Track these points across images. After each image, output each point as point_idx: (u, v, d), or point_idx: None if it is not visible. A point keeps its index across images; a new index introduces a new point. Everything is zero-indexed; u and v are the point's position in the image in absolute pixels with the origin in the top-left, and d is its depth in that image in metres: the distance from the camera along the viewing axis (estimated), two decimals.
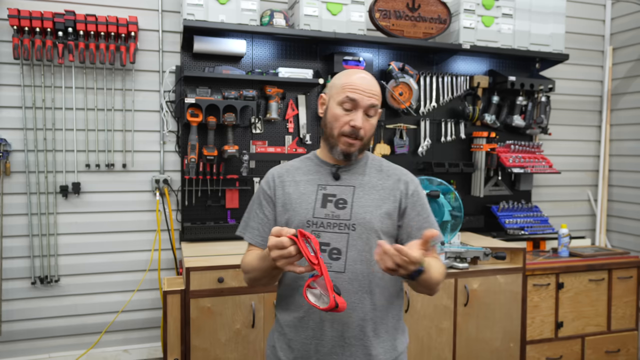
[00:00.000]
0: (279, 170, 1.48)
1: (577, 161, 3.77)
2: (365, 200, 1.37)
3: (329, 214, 1.36)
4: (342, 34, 2.82)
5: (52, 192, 2.73)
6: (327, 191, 1.39)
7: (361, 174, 1.42)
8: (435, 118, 3.29)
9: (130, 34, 2.69)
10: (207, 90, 2.75)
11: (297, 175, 1.45)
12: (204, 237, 2.79)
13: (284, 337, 1.40)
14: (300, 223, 1.37)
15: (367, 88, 1.36)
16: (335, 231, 1.34)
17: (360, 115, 1.35)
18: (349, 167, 1.43)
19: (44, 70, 2.67)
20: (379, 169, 1.45)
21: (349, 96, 1.35)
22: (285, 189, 1.43)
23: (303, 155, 1.53)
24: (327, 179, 1.42)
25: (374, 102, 1.37)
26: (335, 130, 1.37)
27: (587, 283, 3.03)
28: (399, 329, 1.43)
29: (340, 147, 1.37)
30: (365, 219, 1.35)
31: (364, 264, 1.34)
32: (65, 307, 2.79)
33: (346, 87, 1.36)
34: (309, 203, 1.38)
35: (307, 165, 1.47)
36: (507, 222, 3.30)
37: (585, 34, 3.73)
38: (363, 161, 1.46)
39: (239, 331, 2.34)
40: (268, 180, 1.47)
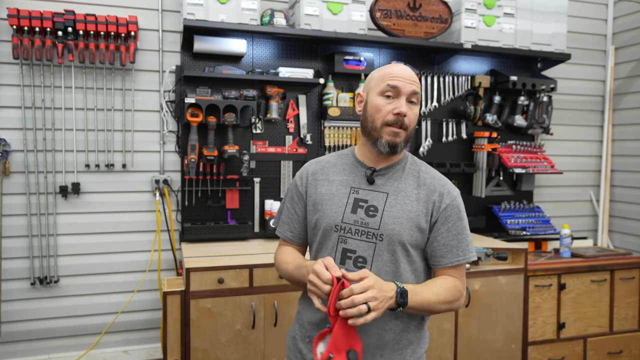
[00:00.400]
0: (313, 167, 1.46)
1: (579, 161, 3.77)
2: (397, 211, 1.32)
3: (358, 221, 1.33)
4: (343, 34, 2.83)
5: (52, 193, 2.73)
6: (359, 195, 1.36)
7: (397, 180, 1.37)
8: (436, 118, 3.29)
9: (130, 34, 2.70)
10: (207, 90, 2.75)
11: (332, 173, 1.42)
12: (204, 237, 2.79)
13: (305, 331, 1.41)
14: (329, 226, 1.35)
15: (408, 76, 1.33)
16: (362, 239, 1.32)
17: (404, 102, 1.31)
18: (384, 170, 1.38)
19: (43, 70, 2.67)
20: (417, 176, 1.38)
21: (390, 84, 1.31)
22: (318, 187, 1.41)
23: (341, 150, 1.49)
24: (361, 181, 1.38)
25: (416, 88, 1.33)
26: (378, 121, 1.32)
27: (589, 284, 3.03)
28: (420, 338, 1.40)
29: (386, 138, 1.32)
30: (394, 231, 1.30)
31: (388, 276, 1.30)
32: (65, 308, 2.79)
33: (386, 77, 1.33)
34: (339, 207, 1.36)
35: (343, 163, 1.43)
36: (509, 223, 3.30)
37: (587, 34, 3.72)
38: (401, 165, 1.40)
39: (239, 332, 2.34)
40: (302, 176, 1.46)
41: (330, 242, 1.35)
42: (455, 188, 1.40)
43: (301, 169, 1.48)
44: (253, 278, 2.35)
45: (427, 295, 1.27)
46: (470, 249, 1.37)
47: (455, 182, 3.31)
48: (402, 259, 1.31)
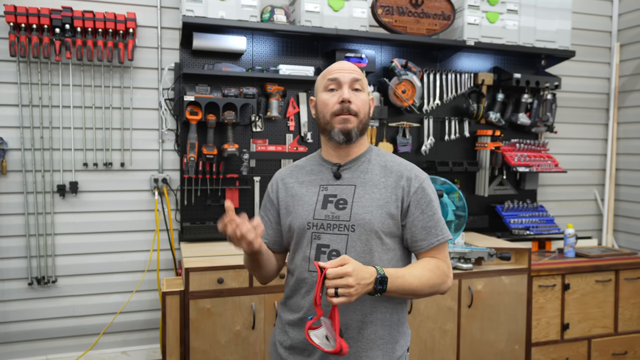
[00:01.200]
0: (283, 172, 1.53)
1: (584, 160, 3.77)
2: (366, 200, 1.36)
3: (329, 215, 1.36)
4: (344, 31, 2.83)
5: (49, 192, 2.74)
6: (328, 191, 1.40)
7: (363, 172, 1.41)
8: (438, 116, 3.29)
9: (129, 31, 2.70)
10: (207, 87, 2.75)
11: (301, 175, 1.47)
12: (203, 237, 2.79)
13: (286, 336, 1.44)
14: (302, 225, 1.39)
15: (345, 67, 1.40)
16: (335, 232, 1.35)
17: (347, 89, 1.37)
18: (350, 164, 1.42)
19: (40, 68, 2.67)
20: (383, 165, 1.42)
21: (329, 78, 1.39)
22: (288, 191, 1.46)
23: (309, 155, 1.55)
24: (328, 178, 1.42)
25: (356, 75, 1.39)
26: (327, 113, 1.39)
27: (594, 284, 3.03)
28: (400, 333, 1.42)
29: (337, 127, 1.37)
30: (364, 220, 1.34)
31: None
32: (63, 308, 2.80)
33: (327, 74, 1.41)
34: (310, 205, 1.40)
35: (310, 165, 1.49)
36: (512, 222, 3.30)
37: (592, 30, 3.72)
38: (366, 157, 1.44)
39: (239, 333, 2.34)
40: (272, 184, 1.52)
41: (305, 240, 1.39)
42: (423, 172, 1.44)
43: (273, 177, 1.54)
44: (253, 278, 2.36)
45: (409, 278, 1.28)
46: (445, 227, 1.41)
47: (458, 181, 3.31)
48: (377, 247, 1.34)
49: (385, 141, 3.17)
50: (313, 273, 1.35)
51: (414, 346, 2.52)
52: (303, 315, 1.37)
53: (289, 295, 1.45)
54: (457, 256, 2.64)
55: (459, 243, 2.71)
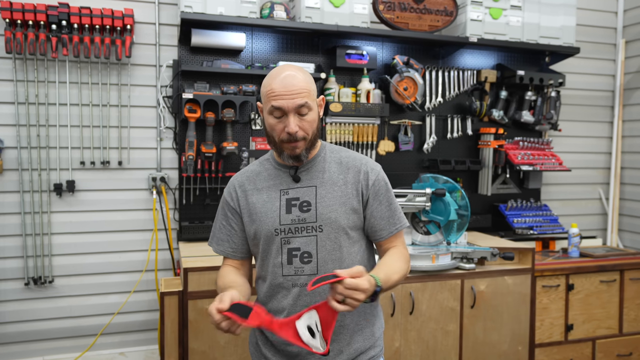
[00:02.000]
0: (239, 179, 1.50)
1: (588, 158, 3.77)
2: (329, 199, 1.40)
3: (295, 219, 1.39)
4: (345, 27, 2.82)
5: (46, 191, 2.74)
6: (289, 195, 1.42)
7: (321, 171, 1.44)
8: (441, 114, 3.29)
9: (126, 27, 2.69)
10: (206, 85, 2.75)
11: (258, 182, 1.47)
12: (202, 236, 2.79)
13: (264, 335, 1.46)
14: (269, 232, 1.41)
15: (289, 89, 1.32)
16: (304, 235, 1.39)
17: (292, 119, 1.33)
18: (307, 165, 1.44)
19: (37, 65, 2.67)
20: (339, 162, 1.46)
21: (274, 105, 1.33)
22: (248, 198, 1.46)
23: (262, 157, 1.54)
24: (287, 182, 1.44)
25: (300, 101, 1.32)
26: (276, 138, 1.38)
27: (598, 284, 3.03)
28: (375, 315, 1.50)
29: (286, 152, 1.38)
30: (331, 219, 1.38)
31: (335, 263, 1.39)
32: (60, 309, 2.80)
33: (270, 96, 1.34)
34: (273, 211, 1.41)
35: (266, 169, 1.48)
36: (516, 222, 3.30)
37: (596, 27, 3.71)
38: (321, 156, 1.46)
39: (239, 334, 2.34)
40: (230, 192, 1.50)
41: (274, 246, 1.41)
42: (377, 163, 1.49)
43: (227, 184, 1.53)
44: (252, 279, 2.35)
45: (393, 277, 1.34)
46: (402, 215, 1.50)
47: (460, 179, 3.31)
48: (344, 243, 1.40)
49: (386, 139, 3.17)
50: (288, 277, 1.40)
51: (416, 347, 2.53)
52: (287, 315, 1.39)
53: (265, 302, 1.46)
54: (459, 256, 2.64)
55: (462, 243, 2.71)
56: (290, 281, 1.40)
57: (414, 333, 2.51)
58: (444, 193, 2.58)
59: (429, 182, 2.69)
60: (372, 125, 3.09)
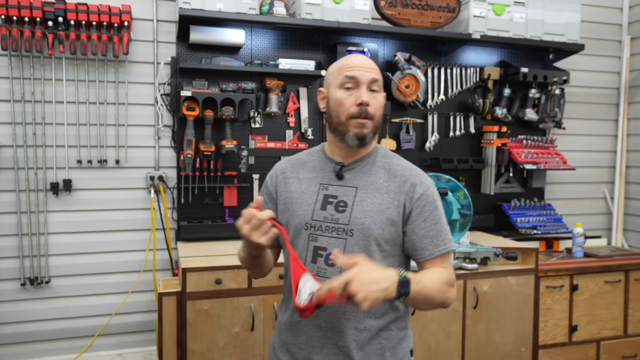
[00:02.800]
0: (283, 165, 1.49)
1: (593, 157, 3.77)
2: (367, 204, 1.34)
3: (327, 217, 1.35)
4: (346, 24, 2.82)
5: (42, 190, 2.74)
6: (328, 191, 1.38)
7: (367, 174, 1.38)
8: (443, 112, 3.29)
9: (123, 24, 2.69)
10: (204, 82, 2.75)
11: (302, 171, 1.45)
12: (200, 236, 2.80)
13: (281, 338, 1.44)
14: (299, 224, 1.38)
15: (365, 64, 1.35)
16: (333, 236, 1.34)
17: (365, 90, 1.33)
18: (353, 165, 1.40)
19: (33, 62, 2.67)
20: (387, 168, 1.40)
21: (347, 75, 1.33)
22: (288, 186, 1.44)
23: (312, 148, 1.52)
24: (330, 177, 1.40)
25: (375, 75, 1.35)
26: (343, 115, 1.34)
27: (603, 285, 3.03)
28: (399, 337, 1.40)
29: (352, 131, 1.33)
30: (364, 225, 1.32)
31: None
32: (56, 310, 2.80)
33: (343, 69, 1.35)
34: (308, 204, 1.38)
35: (312, 160, 1.46)
36: (519, 221, 3.30)
37: (601, 23, 3.71)
38: (371, 158, 1.41)
39: (238, 335, 2.35)
40: (272, 176, 1.49)
41: (301, 240, 1.37)
42: (429, 178, 1.41)
43: (272, 169, 1.51)
44: (252, 279, 2.36)
45: (427, 285, 1.25)
46: (450, 238, 1.37)
47: (463, 178, 3.31)
48: (375, 254, 1.32)
49: (388, 137, 3.16)
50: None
51: (418, 348, 2.53)
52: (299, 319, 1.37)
53: (286, 296, 1.45)
54: (462, 256, 2.64)
55: (464, 242, 2.71)
56: None
57: (415, 334, 2.51)
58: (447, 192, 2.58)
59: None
60: None
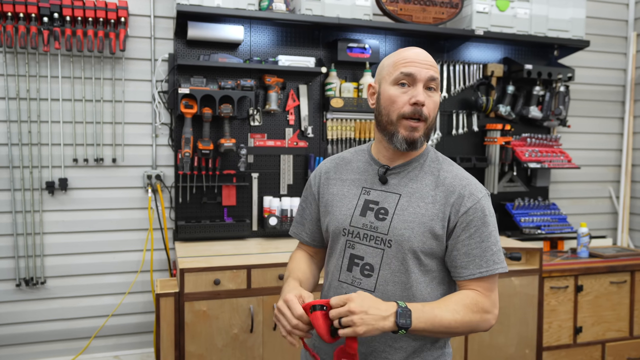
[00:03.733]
0: (328, 165, 1.45)
1: (598, 155, 3.77)
2: (408, 214, 1.26)
3: (367, 224, 1.29)
4: (347, 19, 2.82)
5: (38, 189, 2.74)
6: (370, 196, 1.32)
7: (412, 180, 1.30)
8: (446, 109, 3.29)
9: (120, 20, 2.69)
10: (202, 79, 2.75)
11: (345, 172, 1.40)
12: (199, 236, 2.80)
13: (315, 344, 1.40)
14: (337, 229, 1.34)
15: (424, 59, 1.26)
16: (371, 245, 1.28)
17: (421, 89, 1.24)
18: (399, 169, 1.32)
19: (28, 59, 2.67)
20: (436, 175, 1.30)
21: (403, 71, 1.24)
22: (330, 187, 1.40)
23: (360, 146, 1.45)
24: (373, 181, 1.34)
25: (433, 74, 1.26)
26: (394, 113, 1.26)
27: (608, 285, 3.03)
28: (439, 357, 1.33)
29: (402, 134, 1.25)
30: (403, 236, 1.24)
31: (397, 287, 1.25)
32: (52, 311, 2.80)
33: (399, 63, 1.26)
34: (348, 208, 1.33)
35: (358, 160, 1.40)
36: (523, 221, 3.30)
37: (607, 19, 3.71)
38: (419, 162, 1.33)
39: (237, 336, 2.35)
40: (316, 175, 1.46)
41: (339, 246, 1.34)
42: (482, 188, 1.30)
43: (317, 167, 1.47)
44: (251, 279, 2.36)
45: (439, 313, 1.17)
46: (497, 259, 1.25)
47: None
48: (414, 268, 1.25)
49: None
50: (344, 284, 1.31)
51: None
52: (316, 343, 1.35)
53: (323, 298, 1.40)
54: None
55: None
56: (345, 289, 1.30)
57: None
58: None
59: None
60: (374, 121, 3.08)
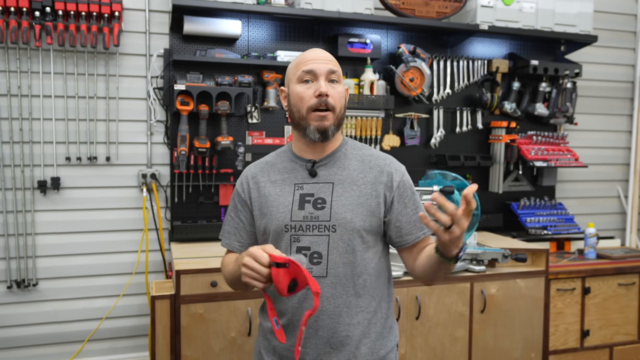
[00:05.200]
0: (253, 170, 1.52)
1: (606, 154, 3.77)
2: (346, 199, 1.39)
3: (307, 216, 1.39)
4: (347, 14, 2.82)
5: (29, 188, 2.74)
6: (304, 190, 1.42)
7: (340, 168, 1.43)
8: (449, 106, 3.29)
9: (114, 14, 2.69)
10: (199, 75, 2.75)
11: (272, 173, 1.48)
12: (195, 237, 2.80)
13: (269, 343, 1.46)
14: (278, 227, 1.40)
15: (320, 56, 1.40)
16: (315, 234, 1.38)
17: (323, 82, 1.37)
18: (325, 160, 1.44)
19: (19, 54, 2.67)
20: (360, 160, 1.45)
21: (304, 69, 1.38)
22: (261, 190, 1.47)
23: (279, 148, 1.55)
24: (303, 176, 1.44)
25: (332, 67, 1.40)
26: (303, 108, 1.39)
27: (616, 288, 3.03)
28: (386, 327, 1.46)
29: (313, 125, 1.38)
30: (345, 219, 1.37)
31: (347, 267, 1.37)
32: (44, 314, 2.80)
33: (300, 64, 1.40)
34: (285, 205, 1.41)
35: (282, 161, 1.49)
36: (529, 221, 3.30)
37: (615, 13, 3.71)
38: (341, 151, 1.46)
39: (234, 340, 2.35)
40: (242, 183, 1.52)
41: (283, 243, 1.40)
42: (401, 164, 1.49)
43: (241, 175, 1.54)
44: None
45: None
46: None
47: (470, 176, 3.31)
48: (358, 247, 1.38)
49: (391, 133, 3.16)
50: None
51: (423, 354, 2.53)
52: (287, 322, 1.40)
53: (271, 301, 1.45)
54: (469, 257, 2.64)
55: (471, 243, 2.71)
56: None
57: (420, 339, 2.52)
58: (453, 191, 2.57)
59: (437, 179, 2.69)
60: (376, 118, 3.09)
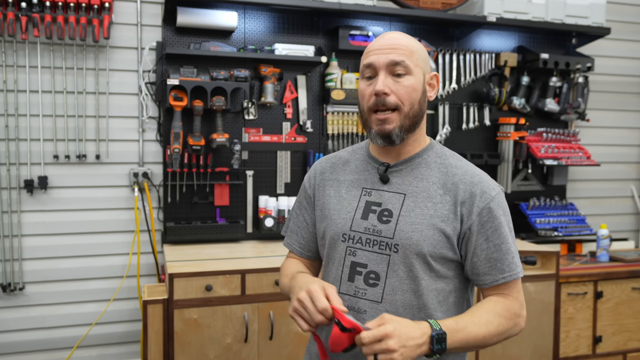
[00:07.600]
0: (323, 164, 1.42)
1: (619, 151, 3.77)
2: (415, 215, 1.23)
3: (369, 228, 1.26)
4: (348, 5, 2.81)
5: (15, 187, 2.74)
6: (371, 197, 1.29)
7: (417, 178, 1.28)
8: (455, 102, 3.29)
9: (104, 5, 2.69)
10: (193, 70, 2.75)
11: (342, 172, 1.38)
12: (189, 238, 2.80)
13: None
14: (335, 235, 1.30)
15: (386, 44, 1.23)
16: (375, 250, 1.25)
17: (383, 77, 1.21)
18: (401, 165, 1.29)
19: (5, 47, 2.66)
20: (444, 171, 1.28)
21: (365, 64, 1.25)
22: (326, 189, 1.37)
23: (358, 144, 1.43)
24: (374, 180, 1.31)
25: (394, 57, 1.21)
26: (365, 109, 1.26)
27: (630, 292, 3.03)
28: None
29: (374, 128, 1.24)
30: (411, 240, 1.22)
31: (406, 295, 1.23)
32: (32, 319, 2.80)
33: (364, 56, 1.27)
34: (348, 211, 1.30)
35: (355, 159, 1.38)
36: (538, 222, 3.30)
37: (629, 4, 3.70)
38: (422, 157, 1.30)
39: (230, 346, 2.35)
40: (310, 177, 1.43)
41: (337, 254, 1.30)
42: (495, 185, 1.29)
43: (311, 168, 1.44)
44: (245, 285, 2.36)
45: (473, 329, 1.16)
46: (517, 262, 1.26)
47: None
48: (423, 275, 1.23)
49: None
50: (345, 297, 1.26)
51: None
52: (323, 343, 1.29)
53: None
54: None
55: None
56: (346, 302, 1.24)
57: None
58: None
59: None
60: None
